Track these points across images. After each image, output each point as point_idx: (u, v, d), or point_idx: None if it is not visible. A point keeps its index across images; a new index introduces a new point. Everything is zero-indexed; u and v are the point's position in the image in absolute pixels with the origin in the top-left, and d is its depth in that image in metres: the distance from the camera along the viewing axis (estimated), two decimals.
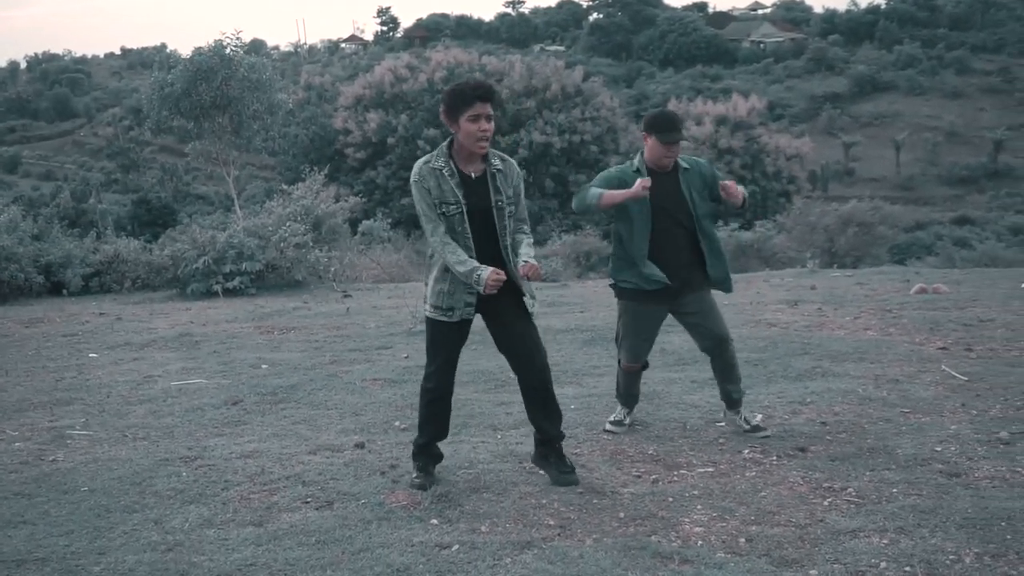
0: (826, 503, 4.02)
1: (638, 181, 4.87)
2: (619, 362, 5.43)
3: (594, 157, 53.99)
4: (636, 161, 5.18)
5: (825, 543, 3.56)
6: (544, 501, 4.14)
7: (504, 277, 4.12)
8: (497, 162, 4.36)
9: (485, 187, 4.29)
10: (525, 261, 4.31)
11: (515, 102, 55.60)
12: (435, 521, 3.92)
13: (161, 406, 6.46)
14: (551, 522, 3.90)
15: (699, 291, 5.24)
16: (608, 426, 5.39)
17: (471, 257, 4.22)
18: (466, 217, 4.24)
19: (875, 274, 14.27)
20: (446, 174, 4.25)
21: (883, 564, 3.33)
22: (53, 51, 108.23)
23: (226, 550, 3.67)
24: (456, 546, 3.62)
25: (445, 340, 4.44)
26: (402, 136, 55.21)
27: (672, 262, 5.08)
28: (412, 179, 4.33)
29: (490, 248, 4.31)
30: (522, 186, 4.46)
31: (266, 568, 3.47)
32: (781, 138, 56.12)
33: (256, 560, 3.54)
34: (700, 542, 3.64)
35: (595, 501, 4.13)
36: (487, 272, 4.09)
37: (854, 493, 4.11)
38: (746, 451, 4.85)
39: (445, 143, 4.35)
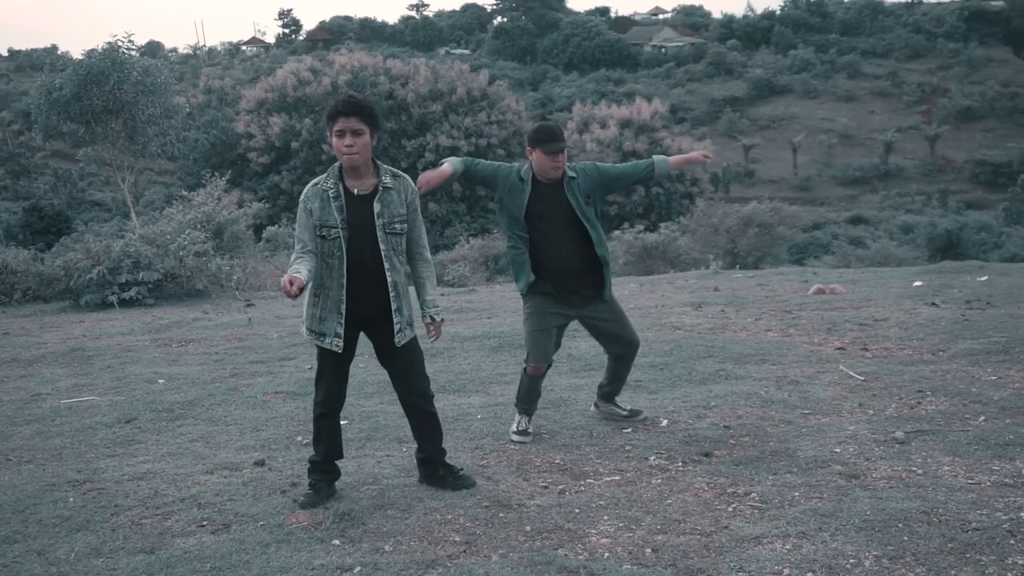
0: (731, 509, 4.04)
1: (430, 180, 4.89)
2: (525, 368, 5.38)
3: (500, 160, 54.09)
4: (525, 170, 5.19)
5: (729, 551, 3.56)
6: (450, 516, 4.06)
7: (294, 291, 3.90)
8: (388, 179, 4.24)
9: (370, 206, 4.19)
10: (431, 319, 4.34)
11: (421, 105, 55.37)
12: (337, 542, 3.80)
13: (49, 426, 6.16)
14: (457, 538, 3.82)
15: (608, 300, 5.31)
16: (514, 438, 5.33)
17: (344, 278, 4.18)
18: (344, 243, 4.16)
19: (775, 275, 14.58)
20: (331, 195, 4.17)
21: (786, 571, 3.35)
22: None
23: None
24: (358, 568, 3.52)
25: (324, 360, 4.39)
26: (306, 140, 54.42)
27: (562, 270, 5.16)
28: (300, 199, 4.27)
29: (372, 274, 4.21)
30: (418, 204, 4.33)
31: None
32: (683, 141, 57.10)
33: None
34: (607, 554, 3.61)
35: (501, 515, 4.06)
36: (287, 276, 3.96)
37: (757, 498, 4.14)
38: (652, 458, 4.85)
39: (337, 163, 4.27)
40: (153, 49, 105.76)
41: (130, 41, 18.70)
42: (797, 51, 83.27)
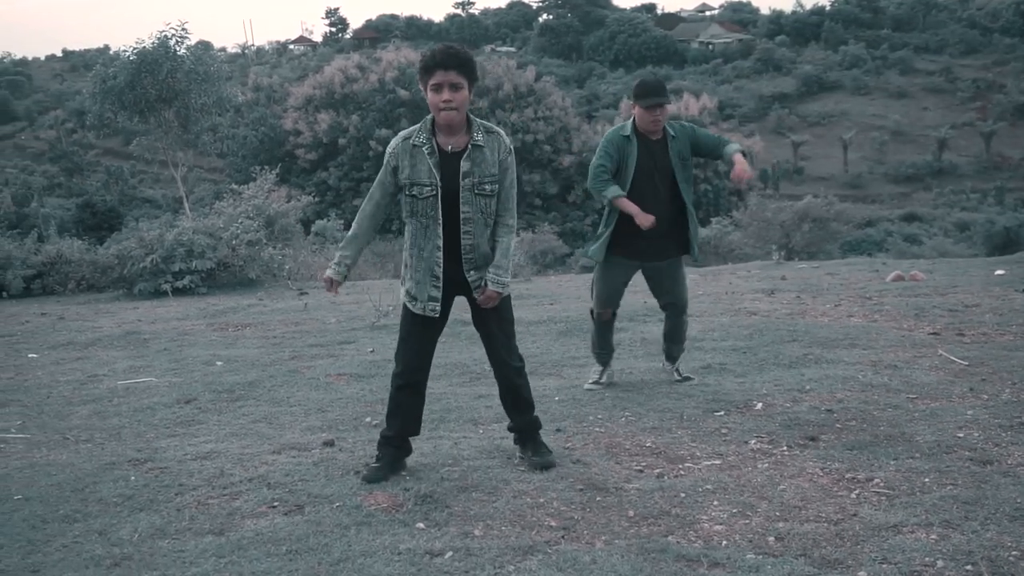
0: (854, 495, 3.64)
1: (649, 218, 5.10)
2: (591, 312, 5.70)
3: (547, 157, 53.72)
4: (629, 126, 5.33)
5: (866, 540, 3.16)
6: (542, 500, 3.70)
7: (335, 292, 4.15)
8: (479, 136, 3.93)
9: (458, 166, 3.89)
10: (487, 284, 4.04)
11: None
12: (421, 525, 3.46)
13: (107, 406, 5.92)
14: (553, 523, 3.46)
15: (674, 258, 5.54)
16: (588, 385, 5.69)
17: (440, 239, 3.94)
18: (439, 201, 3.89)
19: (842, 265, 14.06)
20: (426, 152, 3.88)
21: (939, 562, 2.94)
22: None
23: (182, 563, 3.17)
24: (449, 553, 3.17)
25: (411, 327, 4.12)
26: (353, 136, 54.44)
27: (654, 229, 5.20)
28: (387, 151, 3.99)
29: (451, 232, 3.96)
30: (512, 164, 4.00)
31: None
32: (732, 137, 56.35)
33: (217, 574, 3.06)
34: (724, 542, 3.23)
35: (599, 499, 3.70)
36: (327, 273, 4.08)
37: (882, 484, 3.73)
38: (753, 441, 4.46)
39: (429, 116, 3.96)
40: (204, 48, 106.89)
41: (183, 30, 18.55)
42: (848, 47, 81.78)
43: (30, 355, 8.12)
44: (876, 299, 8.80)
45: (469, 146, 3.91)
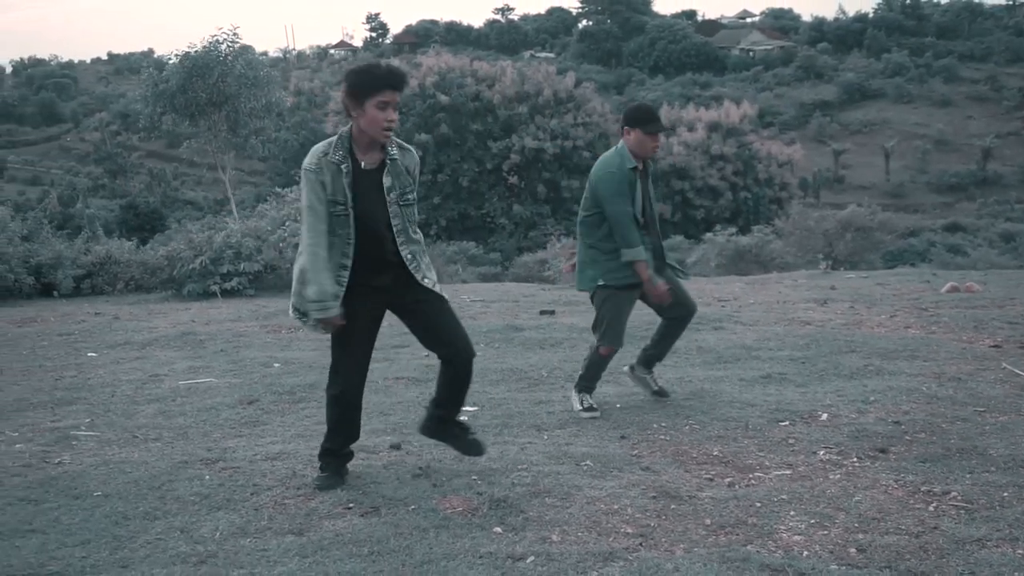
0: (932, 508, 3.61)
1: (663, 291, 5.18)
2: (597, 348, 5.37)
3: (586, 163, 53.55)
4: (628, 156, 5.13)
5: (952, 554, 3.14)
6: (616, 507, 3.71)
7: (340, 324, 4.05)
8: (394, 150, 3.95)
9: (379, 179, 3.90)
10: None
11: (507, 107, 55.24)
12: (498, 529, 3.49)
13: (171, 406, 6.01)
14: (629, 530, 3.48)
15: (667, 273, 5.41)
16: (585, 415, 5.26)
17: (348, 259, 3.90)
18: (351, 220, 3.87)
19: (891, 275, 13.89)
20: (343, 169, 3.86)
21: None
22: (39, 56, 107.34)
23: (267, 563, 3.22)
24: (531, 558, 3.19)
25: (339, 338, 4.24)
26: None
27: (652, 251, 5.26)
28: (305, 167, 3.88)
29: (384, 247, 3.94)
30: (416, 177, 4.03)
31: None
32: (772, 145, 55.96)
33: (303, 574, 3.10)
34: (804, 552, 3.22)
35: (673, 507, 3.70)
36: (332, 314, 3.99)
37: (960, 497, 3.71)
38: (821, 452, 4.44)
39: (345, 129, 3.95)
40: (246, 52, 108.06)
41: (234, 35, 18.80)
42: (891, 54, 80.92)
43: (89, 354, 8.25)
44: (932, 310, 8.70)
45: (387, 161, 3.92)
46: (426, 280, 4.02)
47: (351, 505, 3.79)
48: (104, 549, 3.39)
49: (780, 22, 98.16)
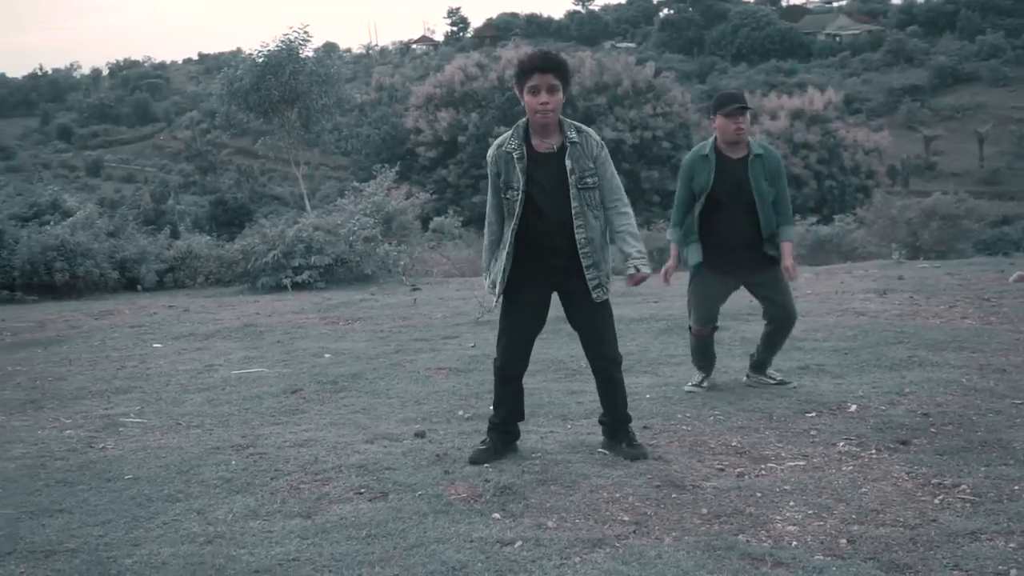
0: (937, 501, 3.57)
1: (665, 274, 5.47)
2: (690, 328, 5.66)
3: (666, 153, 53.18)
4: (708, 145, 5.30)
5: (941, 546, 3.11)
6: (618, 495, 3.76)
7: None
8: (573, 134, 4.08)
9: (559, 163, 4.04)
10: (636, 269, 4.17)
11: (586, 98, 55.07)
12: (497, 515, 3.57)
13: (219, 394, 6.24)
14: (625, 518, 3.52)
15: (768, 271, 5.37)
16: (688, 387, 5.62)
17: (520, 240, 4.11)
18: (520, 204, 4.06)
19: (966, 265, 13.49)
20: (515, 157, 4.06)
21: (1014, 571, 2.88)
22: (134, 58, 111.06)
23: (269, 543, 3.36)
24: (519, 543, 3.26)
25: (507, 321, 4.30)
26: (473, 134, 55.05)
27: (731, 242, 5.27)
28: (487, 157, 4.22)
29: (561, 232, 4.08)
30: (606, 156, 4.15)
31: (310, 563, 3.16)
32: (859, 132, 54.62)
33: (300, 555, 3.23)
34: (794, 542, 3.22)
35: (674, 495, 3.73)
36: (495, 301, 4.25)
37: (969, 490, 3.65)
38: (841, 444, 4.40)
39: (523, 119, 4.15)
40: (329, 49, 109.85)
41: (305, 33, 19.20)
42: (985, 36, 77.99)
43: (155, 345, 8.60)
44: (995, 300, 8.46)
45: (567, 144, 4.06)
46: (589, 274, 4.12)
47: (362, 490, 3.92)
48: (121, 529, 3.58)
49: (868, 5, 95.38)
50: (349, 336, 8.50)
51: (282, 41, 18.51)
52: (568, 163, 4.03)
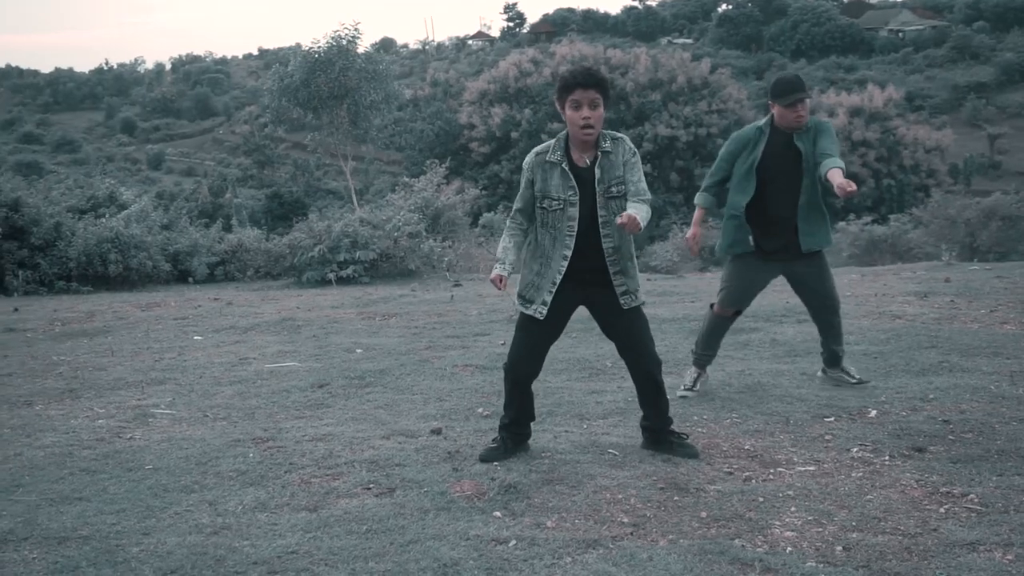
0: (942, 510, 3.52)
1: (692, 239, 5.44)
2: (711, 306, 5.56)
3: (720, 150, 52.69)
4: (764, 121, 5.25)
5: (936, 556, 3.08)
6: (620, 496, 3.77)
7: (503, 287, 4.21)
8: (607, 144, 4.13)
9: (592, 176, 4.11)
10: (624, 213, 4.05)
11: (640, 95, 54.81)
12: (498, 513, 3.61)
13: (250, 387, 6.37)
14: (625, 519, 3.53)
15: (813, 258, 5.31)
16: (681, 392, 5.46)
17: (568, 250, 4.14)
18: (565, 215, 4.11)
19: (1018, 267, 13.20)
20: (560, 168, 4.11)
21: None
22: (196, 53, 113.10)
23: (272, 535, 3.44)
24: (514, 541, 3.30)
25: (523, 327, 4.35)
26: (526, 130, 55.15)
27: (775, 226, 5.20)
28: (524, 163, 4.25)
29: (592, 241, 4.15)
30: (636, 161, 4.16)
31: (307, 556, 3.23)
32: (920, 130, 53.60)
33: (299, 547, 3.30)
34: (790, 548, 3.21)
35: (676, 498, 3.74)
36: (494, 273, 4.21)
37: (977, 500, 3.60)
38: (855, 449, 4.36)
39: (564, 132, 4.21)
40: (387, 45, 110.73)
41: (356, 30, 19.39)
42: None
43: (195, 337, 8.78)
44: None
45: (599, 155, 4.11)
46: (617, 281, 4.17)
47: (371, 486, 3.98)
48: (134, 517, 3.69)
49: (933, 0, 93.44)
50: (383, 332, 8.60)
51: (332, 38, 18.75)
52: (597, 172, 4.07)
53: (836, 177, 4.71)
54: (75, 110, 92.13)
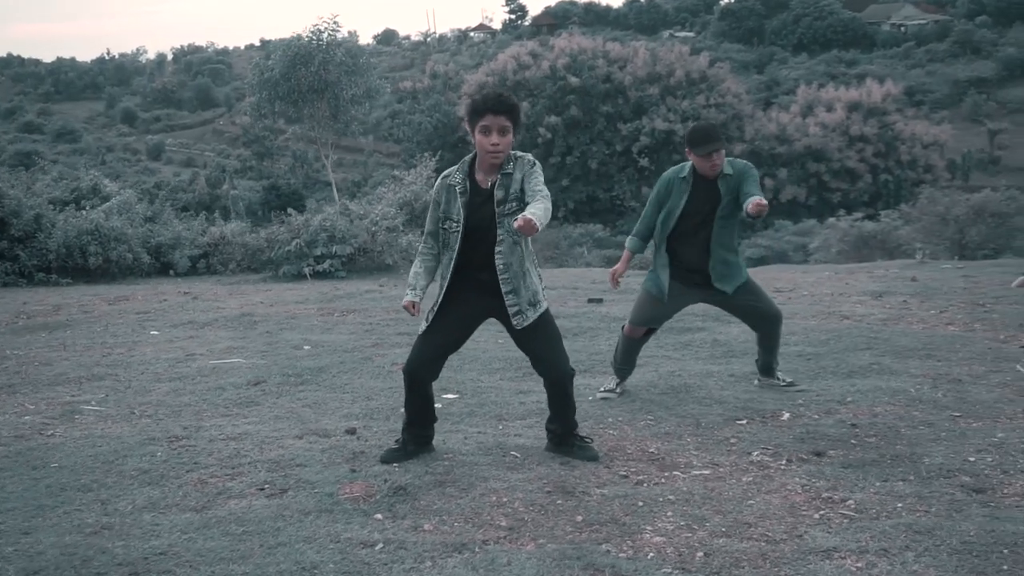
0: (817, 516, 3.55)
1: (613, 275, 5.51)
2: (623, 327, 5.62)
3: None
4: (688, 167, 5.30)
5: (789, 563, 3.10)
6: (506, 499, 3.80)
7: (416, 313, 4.38)
8: (509, 166, 4.16)
9: (492, 197, 4.16)
10: (519, 216, 4.03)
11: (638, 88, 54.77)
12: (379, 516, 3.64)
13: (187, 384, 6.40)
14: (503, 523, 3.57)
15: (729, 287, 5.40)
16: (601, 393, 5.58)
17: (451, 268, 4.24)
18: (460, 237, 4.19)
19: (991, 266, 13.21)
20: (458, 191, 4.19)
21: None
22: (197, 43, 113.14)
23: (150, 536, 3.48)
24: (381, 545, 3.33)
25: (423, 334, 4.47)
26: (523, 123, 54.99)
27: (691, 262, 5.32)
28: (433, 188, 4.35)
29: (483, 257, 4.20)
30: (535, 170, 4.16)
31: (174, 558, 3.26)
32: (918, 125, 53.51)
33: (170, 549, 3.34)
34: (651, 554, 3.24)
35: (559, 502, 3.77)
36: (405, 300, 4.38)
37: (853, 506, 3.62)
38: (756, 453, 4.39)
39: (471, 154, 4.28)
40: (388, 37, 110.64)
41: (335, 23, 19.41)
42: None
43: (152, 332, 8.82)
44: (988, 306, 8.29)
45: (499, 177, 4.15)
46: (509, 300, 4.21)
47: (264, 486, 4.02)
48: (21, 517, 3.72)
49: None
50: (337, 328, 8.64)
51: (312, 31, 18.79)
52: (498, 194, 4.11)
53: (750, 203, 4.83)
54: (76, 100, 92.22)
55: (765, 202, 4.78)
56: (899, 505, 3.60)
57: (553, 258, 40.54)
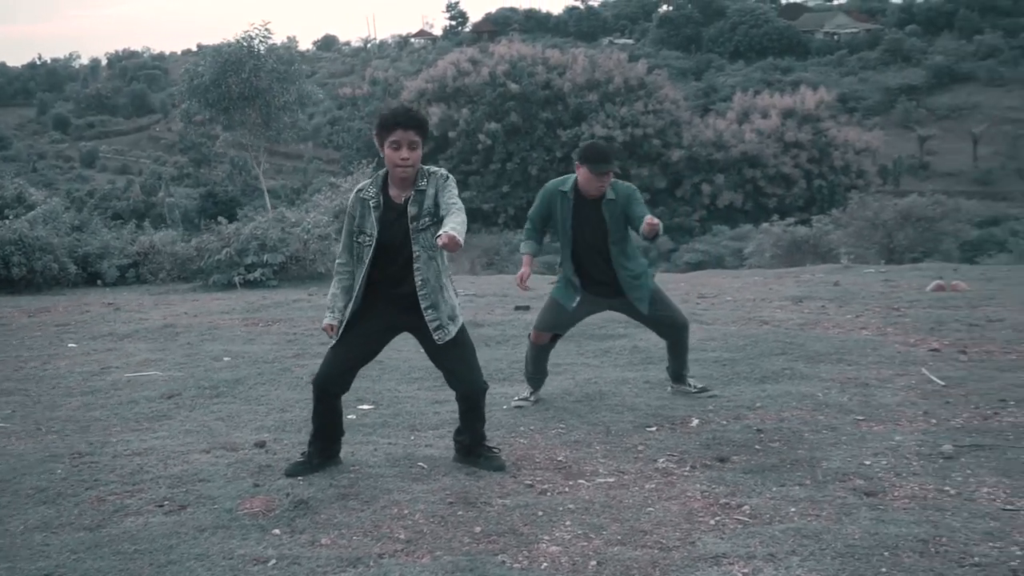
0: (712, 522, 3.60)
1: (520, 280, 5.42)
2: (529, 335, 5.67)
3: (656, 151, 53.22)
4: (569, 185, 5.33)
5: (678, 570, 3.14)
6: (407, 511, 3.79)
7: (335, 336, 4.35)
8: (423, 183, 4.19)
9: (406, 212, 4.17)
10: (442, 233, 4.03)
11: (577, 95, 55.09)
12: (277, 531, 3.61)
13: (99, 399, 6.28)
14: (402, 535, 3.56)
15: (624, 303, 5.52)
16: (515, 402, 5.62)
17: (365, 281, 4.23)
18: (372, 251, 4.19)
19: (911, 270, 13.52)
20: (371, 205, 4.21)
21: None
22: (133, 48, 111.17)
23: (37, 557, 3.41)
24: (274, 560, 3.30)
25: (334, 347, 4.41)
26: (463, 130, 55.14)
27: (596, 276, 5.41)
28: (348, 202, 4.36)
29: (407, 275, 4.20)
30: (449, 184, 4.21)
31: None
32: (851, 131, 54.59)
33: (55, 570, 3.27)
34: (545, 563, 3.26)
35: (460, 513, 3.77)
36: (324, 323, 4.39)
37: (748, 511, 3.68)
38: (661, 460, 4.44)
39: (384, 170, 4.28)
40: (328, 42, 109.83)
41: (266, 30, 19.24)
42: (983, 36, 77.80)
43: (70, 344, 8.64)
44: (902, 310, 8.49)
45: (413, 192, 4.16)
46: (429, 315, 4.20)
47: (164, 503, 3.96)
48: None
49: (868, 4, 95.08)
50: (260, 339, 8.54)
51: (242, 38, 18.59)
52: (411, 209, 4.14)
53: (644, 224, 4.95)
54: (6, 106, 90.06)
55: (657, 220, 4.90)
56: (792, 510, 3.66)
57: (493, 264, 40.59)
